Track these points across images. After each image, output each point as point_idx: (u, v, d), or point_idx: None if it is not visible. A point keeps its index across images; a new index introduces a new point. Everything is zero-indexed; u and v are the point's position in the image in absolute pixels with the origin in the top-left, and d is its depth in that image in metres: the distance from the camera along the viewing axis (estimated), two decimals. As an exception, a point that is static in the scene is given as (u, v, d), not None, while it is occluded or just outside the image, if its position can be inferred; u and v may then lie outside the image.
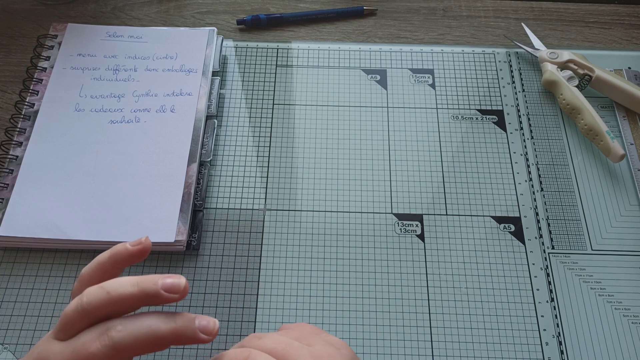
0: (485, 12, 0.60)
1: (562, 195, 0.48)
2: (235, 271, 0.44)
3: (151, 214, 0.44)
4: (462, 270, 0.44)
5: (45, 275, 0.43)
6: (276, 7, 0.60)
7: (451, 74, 0.54)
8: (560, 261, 0.45)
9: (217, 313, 0.42)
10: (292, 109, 0.52)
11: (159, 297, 0.26)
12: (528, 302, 0.43)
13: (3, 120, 0.51)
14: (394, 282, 0.44)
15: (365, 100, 0.53)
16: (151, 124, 0.49)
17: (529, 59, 0.56)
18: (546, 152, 0.50)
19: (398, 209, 0.47)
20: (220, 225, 0.46)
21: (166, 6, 0.59)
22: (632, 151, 0.50)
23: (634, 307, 0.43)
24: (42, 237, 0.43)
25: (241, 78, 0.54)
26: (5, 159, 0.47)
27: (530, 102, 0.53)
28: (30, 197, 0.45)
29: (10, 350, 0.40)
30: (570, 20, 0.59)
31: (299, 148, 0.50)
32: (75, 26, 0.54)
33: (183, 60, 0.52)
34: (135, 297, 0.26)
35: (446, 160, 0.50)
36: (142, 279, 0.26)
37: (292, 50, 0.56)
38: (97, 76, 0.51)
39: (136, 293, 0.26)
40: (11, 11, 0.58)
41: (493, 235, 0.46)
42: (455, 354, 0.41)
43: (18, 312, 0.42)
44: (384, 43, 0.57)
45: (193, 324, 0.26)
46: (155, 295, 0.26)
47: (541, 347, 0.41)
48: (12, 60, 0.55)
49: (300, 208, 0.47)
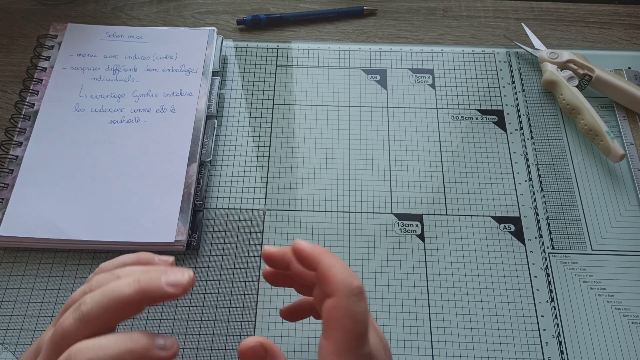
0: (485, 12, 0.60)
1: (562, 195, 0.48)
2: (235, 271, 0.44)
3: (151, 214, 0.44)
4: (462, 270, 0.44)
5: (45, 275, 0.43)
6: (276, 7, 0.60)
7: (451, 74, 0.54)
8: (560, 261, 0.45)
9: (217, 313, 0.42)
10: (292, 109, 0.52)
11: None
12: (528, 302, 0.43)
13: (3, 120, 0.51)
14: (394, 282, 0.44)
15: (365, 100, 0.53)
16: (151, 124, 0.49)
17: (529, 59, 0.56)
18: (546, 152, 0.50)
19: (398, 209, 0.47)
20: (220, 225, 0.46)
21: (166, 6, 0.59)
22: (632, 151, 0.50)
23: (634, 307, 0.43)
24: (42, 237, 0.43)
25: (241, 78, 0.54)
26: (5, 159, 0.47)
27: (530, 102, 0.53)
28: (30, 197, 0.45)
29: (10, 350, 0.40)
30: (570, 20, 0.59)
31: (299, 148, 0.50)
32: (75, 26, 0.54)
33: (183, 60, 0.52)
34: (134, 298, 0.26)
35: (446, 160, 0.50)
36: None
37: (292, 50, 0.56)
38: (97, 76, 0.51)
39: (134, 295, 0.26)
40: (11, 11, 0.58)
41: (493, 235, 0.46)
42: (455, 354, 0.41)
43: (18, 312, 0.42)
44: (384, 43, 0.57)
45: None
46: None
47: (541, 347, 0.41)
48: (12, 60, 0.55)
49: (300, 208, 0.47)
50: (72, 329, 0.25)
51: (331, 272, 0.27)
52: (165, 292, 0.25)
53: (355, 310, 0.26)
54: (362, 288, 0.27)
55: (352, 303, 0.26)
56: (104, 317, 0.25)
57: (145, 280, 0.25)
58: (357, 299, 0.26)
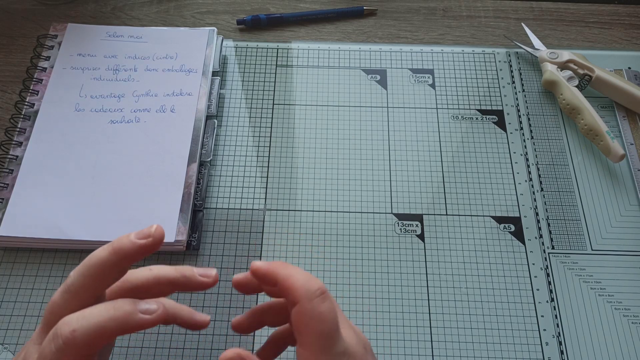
0: (485, 12, 0.60)
1: (562, 195, 0.48)
2: (235, 271, 0.44)
3: (151, 214, 0.44)
4: (462, 270, 0.44)
5: (45, 275, 0.43)
6: (276, 7, 0.60)
7: (451, 74, 0.54)
8: (560, 261, 0.45)
9: (217, 313, 0.42)
10: (292, 109, 0.52)
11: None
12: (528, 302, 0.43)
13: (3, 120, 0.51)
14: (394, 282, 0.44)
15: (365, 100, 0.53)
16: (151, 124, 0.49)
17: (529, 59, 0.56)
18: (546, 152, 0.50)
19: (398, 209, 0.47)
20: (220, 225, 0.46)
21: (166, 6, 0.59)
22: (632, 151, 0.50)
23: (634, 307, 0.43)
24: (42, 237, 0.43)
25: (241, 78, 0.54)
26: (5, 159, 0.47)
27: (530, 102, 0.53)
28: (30, 197, 0.45)
29: (10, 350, 0.40)
30: (570, 20, 0.59)
31: (299, 148, 0.50)
32: (75, 26, 0.54)
33: (183, 60, 0.52)
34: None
35: (446, 160, 0.50)
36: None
37: (292, 50, 0.56)
38: (97, 76, 0.51)
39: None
40: (11, 11, 0.58)
41: (493, 235, 0.46)
42: (455, 354, 0.41)
43: (18, 312, 0.42)
44: (384, 43, 0.57)
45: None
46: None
47: (541, 347, 0.41)
48: (12, 60, 0.55)
49: (300, 208, 0.47)
50: (59, 301, 0.26)
51: (290, 281, 0.27)
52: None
53: (320, 310, 0.26)
54: (323, 288, 0.27)
55: (316, 305, 0.26)
56: (86, 285, 0.26)
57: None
58: (320, 300, 0.27)
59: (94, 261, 0.26)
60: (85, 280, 0.26)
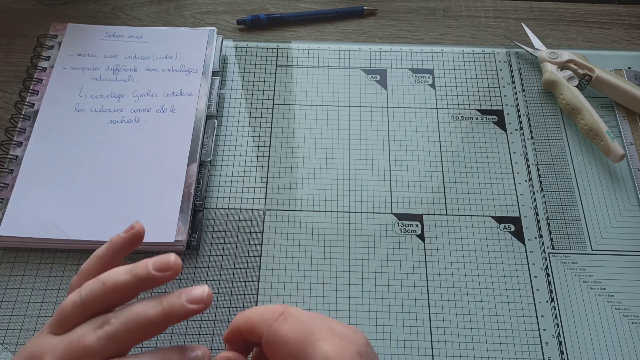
0: (485, 12, 0.60)
1: (562, 195, 0.48)
2: (235, 271, 0.44)
3: (151, 214, 0.44)
4: (462, 270, 0.44)
5: (45, 275, 0.43)
6: (276, 7, 0.60)
7: (451, 74, 0.54)
8: (560, 261, 0.45)
9: (217, 313, 0.42)
10: (292, 109, 0.52)
11: (152, 279, 0.26)
12: (528, 302, 0.43)
13: (3, 120, 0.51)
14: (394, 282, 0.44)
15: (365, 100, 0.53)
16: (151, 124, 0.49)
17: (529, 59, 0.56)
18: (546, 152, 0.50)
19: (398, 209, 0.47)
20: (220, 225, 0.46)
21: (166, 6, 0.59)
22: (632, 151, 0.50)
23: (634, 307, 0.43)
24: (42, 237, 0.43)
25: (241, 78, 0.54)
26: (5, 159, 0.47)
27: (530, 102, 0.53)
28: (30, 197, 0.45)
29: (10, 350, 0.40)
30: (570, 20, 0.59)
31: (299, 148, 0.50)
32: (75, 26, 0.54)
33: (183, 60, 0.52)
34: (129, 283, 0.26)
35: (446, 160, 0.50)
36: (134, 266, 0.26)
37: (292, 50, 0.56)
38: (97, 76, 0.51)
39: (130, 280, 0.26)
40: (11, 11, 0.58)
41: (493, 235, 0.46)
42: (455, 354, 0.41)
43: (18, 312, 0.42)
44: (384, 43, 0.57)
45: (180, 300, 0.26)
46: (148, 277, 0.26)
47: (541, 347, 0.41)
48: (12, 60, 0.55)
49: (300, 208, 0.47)
50: (96, 346, 0.25)
51: (248, 321, 0.27)
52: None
53: (282, 334, 0.26)
54: (280, 310, 0.27)
55: (275, 330, 0.27)
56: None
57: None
58: (280, 323, 0.27)
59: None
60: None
